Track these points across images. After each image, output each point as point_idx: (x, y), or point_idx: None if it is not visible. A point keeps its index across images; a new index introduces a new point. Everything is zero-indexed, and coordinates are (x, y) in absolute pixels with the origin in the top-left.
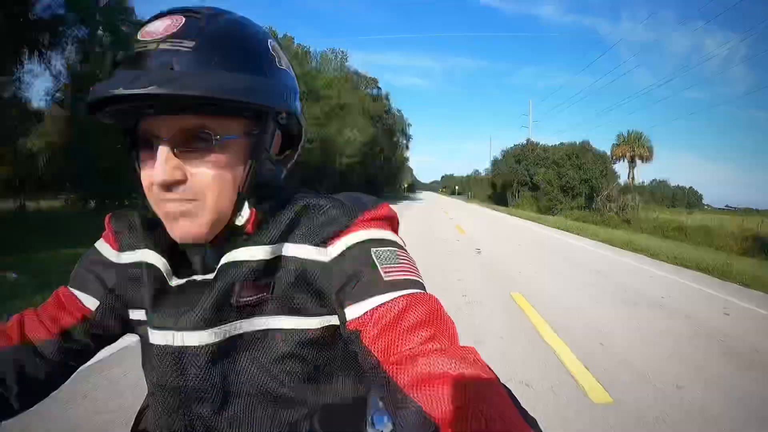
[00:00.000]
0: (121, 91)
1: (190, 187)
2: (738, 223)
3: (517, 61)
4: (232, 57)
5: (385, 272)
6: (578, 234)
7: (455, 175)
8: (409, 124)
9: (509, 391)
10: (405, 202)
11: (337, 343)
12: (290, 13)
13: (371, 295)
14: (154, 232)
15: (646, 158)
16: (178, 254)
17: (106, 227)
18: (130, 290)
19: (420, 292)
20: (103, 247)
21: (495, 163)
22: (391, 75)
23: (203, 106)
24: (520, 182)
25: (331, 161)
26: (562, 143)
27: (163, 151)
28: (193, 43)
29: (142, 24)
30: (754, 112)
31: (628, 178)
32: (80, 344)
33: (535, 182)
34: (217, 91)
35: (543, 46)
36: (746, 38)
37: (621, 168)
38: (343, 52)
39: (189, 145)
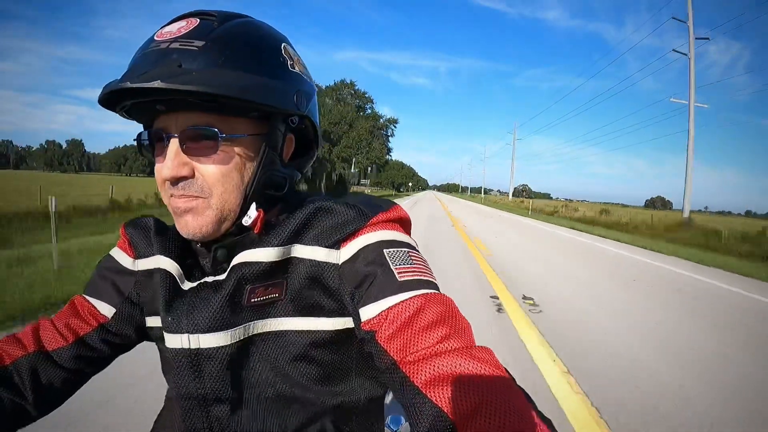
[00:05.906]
0: (127, 84)
1: (196, 184)
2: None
3: (521, 63)
4: (239, 57)
5: (399, 273)
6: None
7: (449, 182)
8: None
9: (525, 391)
10: (422, 192)
11: (351, 344)
12: (299, 12)
13: (385, 296)
14: (165, 237)
15: None
16: (190, 258)
17: (121, 236)
18: (146, 297)
19: (434, 292)
20: (118, 255)
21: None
22: (397, 74)
23: (211, 105)
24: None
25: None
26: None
27: (172, 146)
28: (202, 43)
29: (163, 26)
30: None
31: None
32: (96, 352)
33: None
34: (218, 88)
35: (547, 49)
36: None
37: None
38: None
39: (196, 142)
